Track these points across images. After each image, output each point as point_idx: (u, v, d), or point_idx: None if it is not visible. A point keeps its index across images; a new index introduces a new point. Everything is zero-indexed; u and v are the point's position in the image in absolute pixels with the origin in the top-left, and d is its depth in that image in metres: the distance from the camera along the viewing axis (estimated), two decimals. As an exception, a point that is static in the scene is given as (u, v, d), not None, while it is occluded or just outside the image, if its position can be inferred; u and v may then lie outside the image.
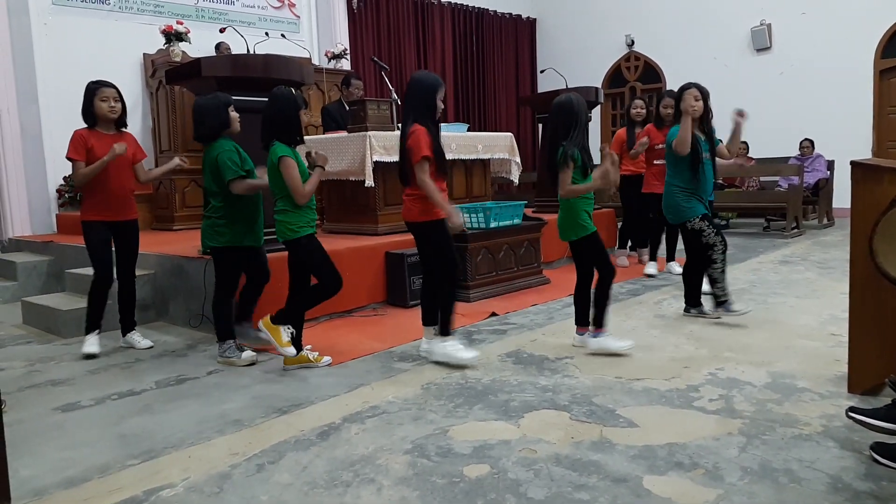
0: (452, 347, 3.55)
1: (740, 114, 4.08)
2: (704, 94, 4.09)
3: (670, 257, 6.07)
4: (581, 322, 3.80)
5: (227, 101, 3.76)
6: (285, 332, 3.51)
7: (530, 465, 2.38)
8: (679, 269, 5.82)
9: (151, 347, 4.19)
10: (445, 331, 3.59)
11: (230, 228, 3.70)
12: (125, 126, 4.07)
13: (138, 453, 2.63)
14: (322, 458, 2.51)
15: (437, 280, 3.61)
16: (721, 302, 4.22)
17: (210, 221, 3.75)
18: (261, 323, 3.54)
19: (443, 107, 3.55)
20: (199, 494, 2.27)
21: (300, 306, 3.59)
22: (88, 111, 3.93)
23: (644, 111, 6.29)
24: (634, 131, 6.23)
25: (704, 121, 4.14)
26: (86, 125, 3.96)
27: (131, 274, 4.21)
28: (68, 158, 3.90)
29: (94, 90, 3.92)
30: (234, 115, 3.75)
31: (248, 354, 3.75)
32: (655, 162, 5.77)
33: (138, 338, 4.23)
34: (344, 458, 2.51)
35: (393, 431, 2.73)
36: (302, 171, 3.46)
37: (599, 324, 3.67)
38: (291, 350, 3.51)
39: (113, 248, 4.10)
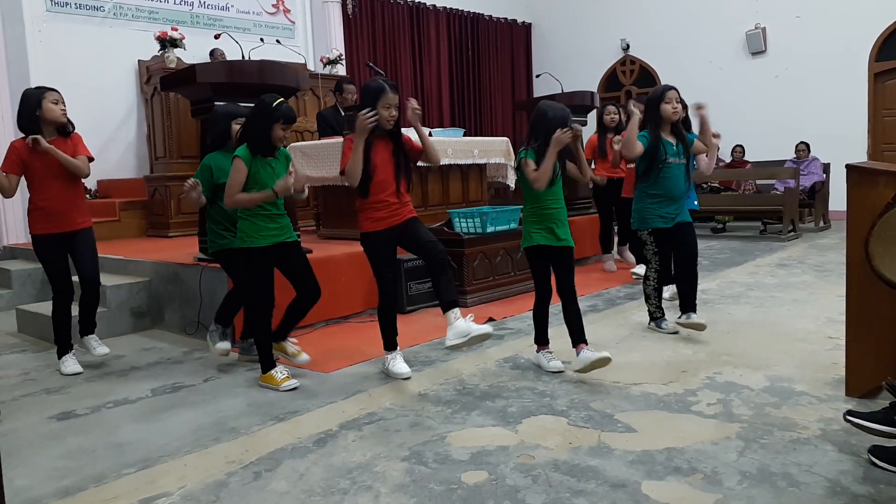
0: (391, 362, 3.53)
1: (699, 107, 4.05)
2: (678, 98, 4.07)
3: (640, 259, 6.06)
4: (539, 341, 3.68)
5: (233, 112, 3.75)
6: (279, 373, 3.43)
7: (528, 471, 2.37)
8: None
9: (106, 355, 4.01)
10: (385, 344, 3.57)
11: (217, 234, 3.75)
12: (69, 133, 3.77)
13: (134, 462, 2.61)
14: (319, 466, 2.50)
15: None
16: (655, 318, 4.22)
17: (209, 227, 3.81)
18: (260, 381, 3.48)
19: (395, 114, 3.36)
20: (196, 503, 2.26)
21: (258, 336, 3.49)
22: (34, 117, 3.62)
23: (617, 117, 6.34)
24: (605, 137, 6.28)
25: (675, 125, 4.08)
26: (23, 134, 3.66)
27: (94, 280, 3.95)
28: None
29: (42, 93, 3.66)
30: (235, 127, 3.69)
31: (221, 345, 3.74)
32: (629, 167, 5.77)
33: (95, 343, 4.01)
34: (341, 465, 2.49)
35: (390, 438, 2.72)
36: (262, 180, 3.33)
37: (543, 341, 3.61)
38: (292, 382, 3.41)
39: (70, 260, 3.88)
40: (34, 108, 3.64)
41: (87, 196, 7.48)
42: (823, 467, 2.31)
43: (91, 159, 3.84)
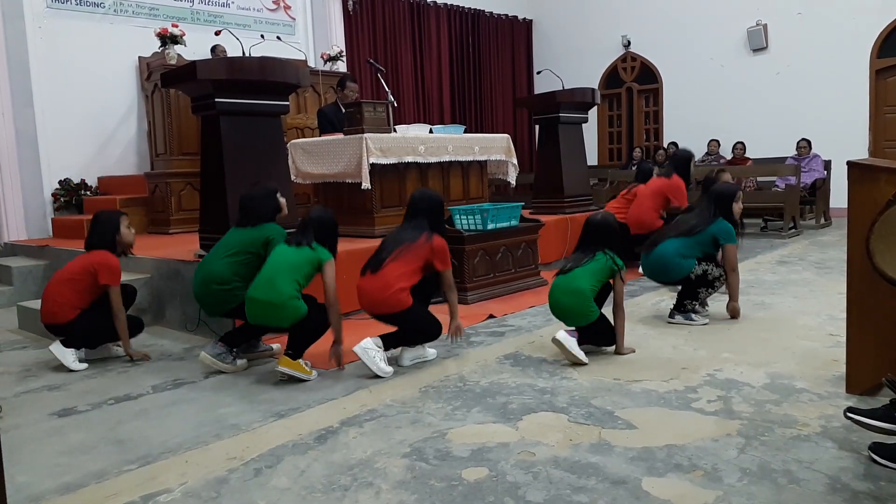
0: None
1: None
2: None
3: None
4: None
5: (273, 189, 3.89)
6: (306, 364, 3.51)
7: (529, 468, 2.37)
8: None
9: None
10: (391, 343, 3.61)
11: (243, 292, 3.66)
12: (130, 255, 4.23)
13: (135, 458, 2.62)
14: (320, 462, 2.50)
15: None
16: (686, 311, 4.30)
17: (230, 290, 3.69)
18: (281, 364, 3.46)
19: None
20: (197, 499, 2.26)
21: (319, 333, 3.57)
22: (113, 240, 3.98)
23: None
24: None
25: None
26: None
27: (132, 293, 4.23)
28: (109, 284, 3.89)
29: (119, 218, 4.03)
30: (282, 200, 3.89)
31: (242, 363, 3.73)
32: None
33: (112, 345, 4.14)
34: (342, 461, 2.50)
35: (391, 435, 2.72)
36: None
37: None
38: (314, 375, 3.50)
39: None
40: (113, 232, 4.00)
41: (88, 193, 7.50)
42: (824, 464, 2.31)
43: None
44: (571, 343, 3.52)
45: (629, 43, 12.04)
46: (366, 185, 5.29)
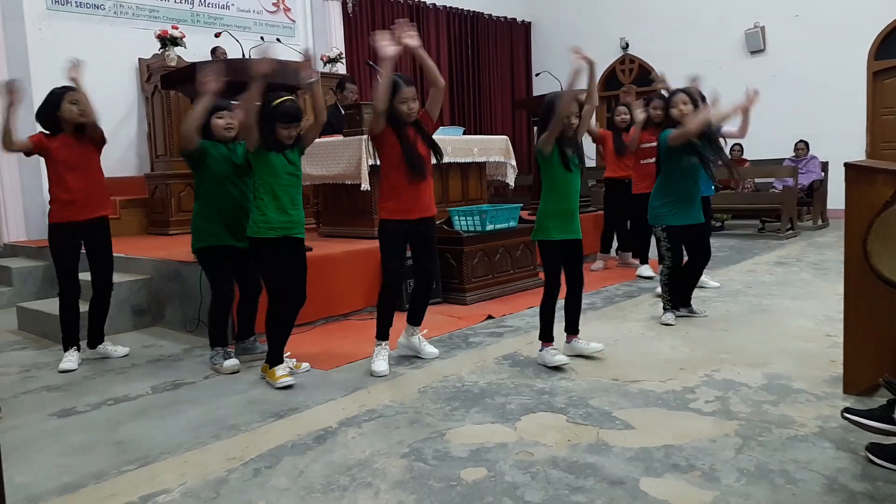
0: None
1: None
2: (693, 98, 4.27)
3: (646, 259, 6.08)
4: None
5: (211, 107, 3.65)
6: (281, 369, 3.44)
7: (527, 468, 2.38)
8: (649, 272, 5.87)
9: (127, 355, 4.13)
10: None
11: (208, 225, 3.67)
12: (84, 132, 3.96)
13: (134, 459, 2.62)
14: (319, 463, 2.51)
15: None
16: (665, 310, 4.35)
17: (193, 223, 3.78)
18: (264, 377, 3.47)
19: (415, 107, 3.55)
20: (196, 500, 2.27)
21: (277, 336, 3.47)
22: (52, 115, 3.85)
23: (628, 117, 6.21)
24: (620, 137, 6.20)
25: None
26: (41, 128, 3.89)
27: (108, 281, 4.06)
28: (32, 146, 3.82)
29: (63, 93, 3.88)
30: (217, 121, 3.66)
31: (230, 363, 3.69)
32: (643, 162, 5.76)
33: (111, 347, 4.12)
34: (341, 462, 2.51)
35: (390, 435, 2.73)
36: (278, 171, 3.42)
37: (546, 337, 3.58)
38: (289, 380, 3.40)
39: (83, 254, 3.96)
40: (54, 107, 3.85)
41: None
42: (821, 464, 2.32)
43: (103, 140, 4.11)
44: (550, 358, 3.51)
45: (627, 45, 12.06)
46: (365, 186, 5.30)
